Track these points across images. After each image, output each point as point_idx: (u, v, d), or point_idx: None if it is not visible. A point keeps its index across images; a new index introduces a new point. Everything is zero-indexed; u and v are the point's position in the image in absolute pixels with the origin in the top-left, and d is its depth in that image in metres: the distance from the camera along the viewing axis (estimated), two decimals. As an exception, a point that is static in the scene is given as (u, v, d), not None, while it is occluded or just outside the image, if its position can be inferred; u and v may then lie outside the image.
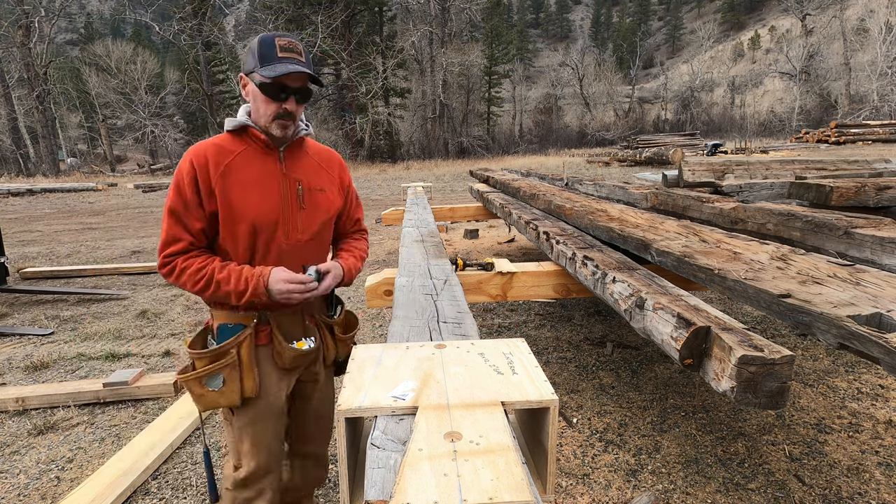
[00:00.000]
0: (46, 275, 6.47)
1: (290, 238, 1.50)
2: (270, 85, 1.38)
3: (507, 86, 54.45)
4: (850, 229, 2.14)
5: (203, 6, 33.52)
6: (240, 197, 1.43)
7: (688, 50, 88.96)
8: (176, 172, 1.41)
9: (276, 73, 1.36)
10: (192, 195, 1.39)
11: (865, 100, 40.92)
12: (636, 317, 1.87)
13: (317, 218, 1.56)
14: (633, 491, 2.18)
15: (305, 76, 1.41)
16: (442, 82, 35.28)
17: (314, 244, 1.57)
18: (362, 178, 22.55)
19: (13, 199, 18.78)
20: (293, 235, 1.51)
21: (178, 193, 1.40)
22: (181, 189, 1.39)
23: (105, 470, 2.34)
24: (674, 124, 51.75)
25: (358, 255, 1.72)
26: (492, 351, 1.37)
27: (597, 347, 3.68)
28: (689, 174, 4.52)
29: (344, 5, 32.30)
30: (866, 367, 3.20)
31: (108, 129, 41.85)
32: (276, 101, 1.41)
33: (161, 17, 52.34)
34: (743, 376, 1.27)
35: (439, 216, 6.53)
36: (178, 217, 1.40)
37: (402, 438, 1.00)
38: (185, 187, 1.39)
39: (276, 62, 1.38)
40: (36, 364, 3.70)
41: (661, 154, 21.17)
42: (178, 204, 1.39)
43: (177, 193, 1.40)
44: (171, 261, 1.40)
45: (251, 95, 1.44)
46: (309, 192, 1.53)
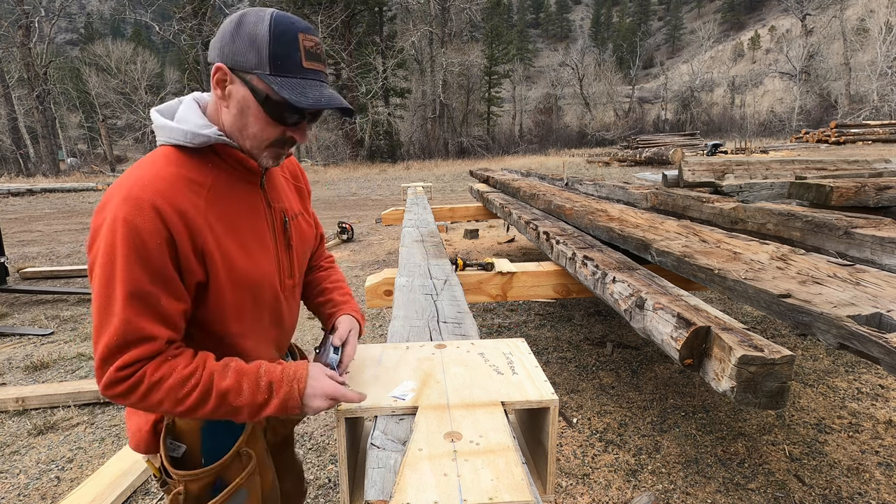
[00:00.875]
0: (46, 275, 6.47)
1: (283, 289, 1.11)
2: (281, 104, 0.92)
3: (507, 86, 54.46)
4: (850, 229, 2.14)
5: (203, 6, 33.52)
6: (239, 251, 0.99)
7: (688, 50, 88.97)
8: (123, 234, 0.85)
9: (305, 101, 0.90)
10: (167, 264, 0.88)
11: (865, 100, 40.93)
12: (636, 317, 1.87)
13: (304, 254, 1.20)
14: (633, 491, 2.18)
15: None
16: (442, 82, 35.30)
17: (297, 290, 1.20)
18: (362, 178, 22.56)
19: (13, 199, 18.78)
20: (286, 284, 1.12)
21: (142, 265, 0.86)
22: (146, 258, 0.86)
23: (105, 470, 2.34)
24: (674, 124, 51.76)
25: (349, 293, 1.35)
26: (492, 351, 1.37)
27: (597, 347, 3.68)
28: (689, 174, 4.53)
29: (344, 5, 32.32)
30: (866, 367, 3.20)
31: (108, 129, 41.84)
32: (283, 124, 0.96)
33: (161, 17, 52.33)
34: (743, 376, 1.27)
35: (439, 216, 6.54)
36: (145, 302, 0.87)
37: (402, 438, 1.00)
38: (155, 254, 0.87)
39: (300, 76, 0.92)
40: (36, 364, 3.70)
41: (661, 154, 21.17)
42: (142, 282, 0.86)
43: (138, 266, 0.86)
44: (133, 372, 0.87)
45: (238, 103, 0.94)
46: (294, 222, 1.14)
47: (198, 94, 1.03)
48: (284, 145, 1.00)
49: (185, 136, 0.95)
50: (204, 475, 1.00)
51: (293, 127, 0.97)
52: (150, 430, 1.03)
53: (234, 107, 0.95)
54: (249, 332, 1.05)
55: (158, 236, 0.87)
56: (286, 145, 1.00)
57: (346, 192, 17.21)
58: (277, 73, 0.90)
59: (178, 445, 1.02)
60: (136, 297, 0.86)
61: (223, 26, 0.93)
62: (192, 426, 1.02)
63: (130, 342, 0.86)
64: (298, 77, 0.92)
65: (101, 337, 0.87)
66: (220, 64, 0.92)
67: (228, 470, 1.02)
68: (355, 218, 10.43)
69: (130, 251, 0.85)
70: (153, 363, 0.88)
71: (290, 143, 1.00)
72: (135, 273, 0.86)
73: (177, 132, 0.95)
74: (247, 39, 0.90)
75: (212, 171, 0.98)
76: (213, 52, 0.94)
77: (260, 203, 1.06)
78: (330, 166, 30.27)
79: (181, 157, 0.96)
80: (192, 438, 1.03)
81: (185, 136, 0.95)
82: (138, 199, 0.86)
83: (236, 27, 0.91)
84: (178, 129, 0.95)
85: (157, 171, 0.91)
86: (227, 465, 1.02)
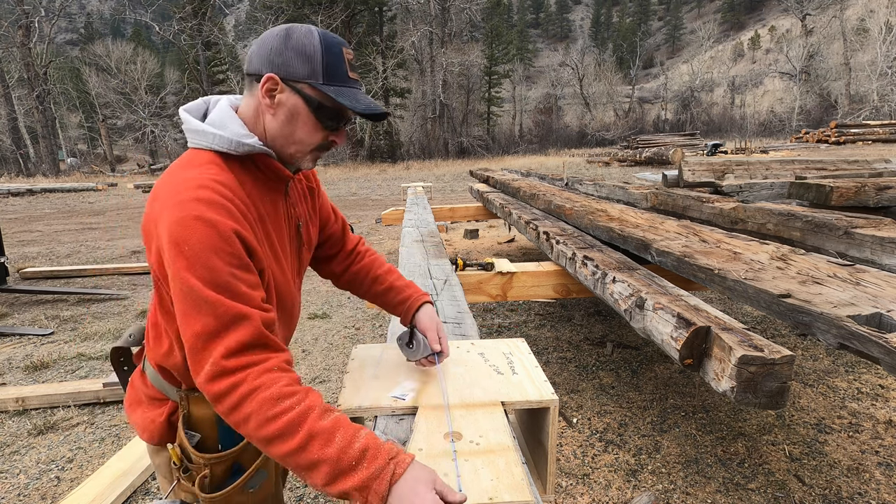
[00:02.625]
0: (46, 275, 6.47)
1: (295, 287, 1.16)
2: (333, 110, 0.98)
3: (507, 86, 54.48)
4: (850, 229, 2.14)
5: (203, 6, 33.54)
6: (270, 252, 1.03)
7: (688, 50, 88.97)
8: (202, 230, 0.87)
9: (359, 107, 0.97)
10: (242, 254, 0.91)
11: (865, 100, 40.93)
12: (636, 317, 1.87)
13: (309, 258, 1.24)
14: (633, 491, 2.18)
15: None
16: (442, 82, 35.30)
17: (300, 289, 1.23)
18: (362, 178, 22.56)
19: (13, 199, 18.78)
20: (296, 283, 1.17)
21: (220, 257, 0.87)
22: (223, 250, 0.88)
23: (105, 470, 2.34)
24: (674, 124, 51.77)
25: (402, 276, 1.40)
26: (492, 351, 1.37)
27: (597, 347, 3.68)
28: (689, 174, 4.52)
29: (344, 5, 32.34)
30: (866, 367, 3.20)
31: (108, 129, 41.84)
32: (327, 129, 1.01)
33: (161, 17, 52.37)
34: (743, 376, 1.27)
35: (439, 216, 6.54)
36: (229, 289, 0.87)
37: (402, 438, 1.00)
38: (230, 247, 0.89)
39: (347, 85, 0.99)
40: (36, 364, 3.70)
41: (661, 154, 21.18)
42: (223, 272, 0.87)
43: (217, 258, 0.87)
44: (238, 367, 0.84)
45: (288, 111, 0.98)
46: (304, 228, 1.18)
47: (231, 99, 1.06)
48: (325, 149, 1.05)
49: (230, 145, 0.97)
50: (226, 458, 1.02)
51: (335, 132, 1.03)
52: (165, 422, 1.06)
53: (282, 114, 0.98)
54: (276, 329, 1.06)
55: (231, 231, 0.89)
56: (326, 149, 1.06)
57: (346, 192, 17.21)
58: (329, 82, 0.96)
59: (194, 435, 1.04)
60: (220, 286, 0.86)
61: (267, 39, 0.98)
62: (208, 415, 1.04)
63: (227, 323, 0.85)
64: (347, 86, 0.98)
65: (189, 326, 0.86)
66: (271, 74, 0.96)
67: (245, 454, 1.04)
68: (355, 218, 10.43)
69: (208, 246, 0.87)
70: (257, 369, 0.84)
71: (330, 146, 1.05)
72: (216, 265, 0.87)
73: (220, 140, 0.98)
74: (299, 51, 0.95)
75: (249, 177, 1.01)
76: (259, 62, 0.97)
77: (282, 208, 1.09)
78: (330, 166, 30.29)
79: (225, 162, 0.98)
80: (207, 427, 1.05)
81: (231, 144, 0.97)
82: (209, 199, 0.89)
83: (284, 39, 0.96)
84: (221, 137, 0.97)
85: (215, 175, 0.94)
86: (245, 448, 1.04)
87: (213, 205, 0.89)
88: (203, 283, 0.86)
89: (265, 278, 0.99)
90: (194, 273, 0.86)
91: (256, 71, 0.97)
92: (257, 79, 0.97)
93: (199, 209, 0.88)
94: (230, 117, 1.00)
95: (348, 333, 4.16)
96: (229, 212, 0.90)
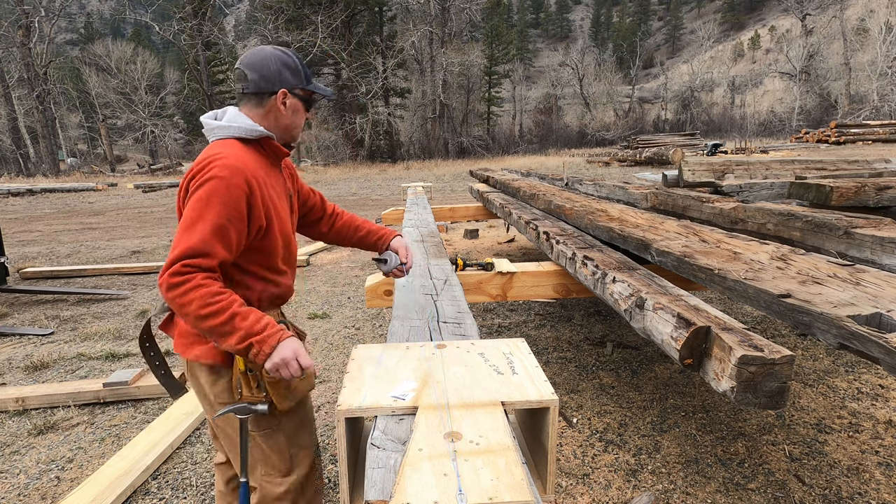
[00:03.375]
0: (46, 275, 6.47)
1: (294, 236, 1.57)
2: (311, 100, 1.49)
3: (507, 86, 54.45)
4: (850, 229, 2.14)
5: (203, 6, 33.52)
6: (276, 211, 1.42)
7: (688, 50, 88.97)
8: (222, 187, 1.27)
9: (327, 91, 1.53)
10: (242, 212, 1.30)
11: (865, 100, 40.91)
12: (636, 317, 1.87)
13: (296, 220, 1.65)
14: (633, 491, 2.18)
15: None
16: (442, 82, 35.27)
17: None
18: (362, 178, 22.55)
19: (13, 199, 18.78)
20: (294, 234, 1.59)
21: (230, 207, 1.28)
22: (235, 204, 1.28)
23: (105, 470, 2.34)
24: (674, 124, 51.75)
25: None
26: (492, 351, 1.37)
27: (597, 347, 3.68)
28: (689, 174, 4.52)
29: (344, 5, 32.29)
30: (866, 367, 3.20)
31: (108, 129, 41.83)
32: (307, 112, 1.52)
33: (161, 17, 52.36)
34: (743, 376, 1.27)
35: (439, 216, 6.54)
36: (222, 232, 1.26)
37: (402, 438, 1.00)
38: (240, 204, 1.29)
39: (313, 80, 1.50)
40: (36, 364, 3.70)
41: (661, 154, 21.17)
42: (224, 218, 1.26)
43: (228, 207, 1.27)
44: (189, 272, 1.22)
45: (292, 108, 1.45)
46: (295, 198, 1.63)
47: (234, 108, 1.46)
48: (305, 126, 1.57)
49: (247, 132, 1.40)
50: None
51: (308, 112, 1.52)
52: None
53: (290, 112, 1.45)
54: (285, 267, 1.51)
55: (242, 193, 1.30)
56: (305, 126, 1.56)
57: (346, 192, 17.21)
58: (308, 82, 1.47)
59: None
60: (216, 227, 1.26)
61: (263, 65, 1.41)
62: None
63: (197, 252, 1.24)
64: (313, 80, 1.50)
65: (180, 243, 1.24)
66: (283, 90, 1.42)
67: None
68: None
69: (222, 199, 1.27)
70: (203, 274, 1.23)
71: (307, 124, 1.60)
72: (221, 213, 1.27)
73: (239, 129, 1.39)
74: (290, 70, 1.43)
75: (258, 155, 1.42)
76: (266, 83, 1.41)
77: (279, 180, 1.50)
78: (330, 166, 30.28)
79: (243, 145, 1.39)
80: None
81: (247, 131, 1.40)
82: (233, 168, 1.30)
83: (276, 62, 1.41)
84: (240, 127, 1.40)
85: (238, 153, 1.35)
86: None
87: (231, 169, 1.30)
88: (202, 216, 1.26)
89: (273, 228, 1.41)
90: (201, 207, 1.26)
91: (268, 90, 1.41)
92: (268, 95, 1.41)
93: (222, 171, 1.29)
94: (241, 116, 1.42)
95: (348, 333, 4.16)
96: (240, 175, 1.30)
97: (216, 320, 1.21)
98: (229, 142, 1.38)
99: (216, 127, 1.40)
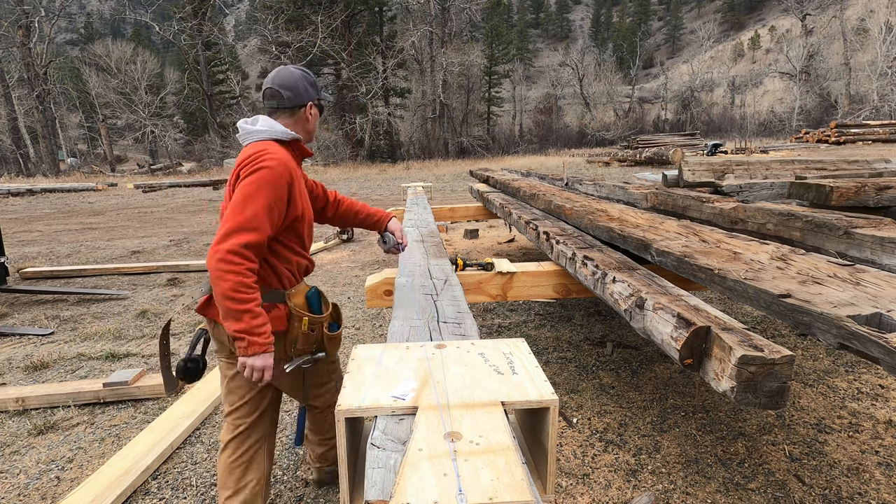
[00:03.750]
0: (46, 275, 6.47)
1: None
2: (323, 107, 1.86)
3: (507, 86, 54.42)
4: (850, 229, 2.14)
5: (203, 6, 33.52)
6: (304, 200, 1.76)
7: (688, 50, 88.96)
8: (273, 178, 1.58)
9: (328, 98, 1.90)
10: (284, 199, 1.62)
11: (865, 100, 40.89)
12: (636, 317, 1.87)
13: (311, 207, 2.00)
14: (633, 491, 2.18)
15: None
16: (442, 82, 35.25)
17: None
18: (362, 178, 22.55)
19: (13, 199, 18.78)
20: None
21: (278, 192, 1.59)
22: (280, 191, 1.60)
23: (105, 470, 2.34)
24: (674, 124, 51.72)
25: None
26: (492, 351, 1.37)
27: (597, 347, 3.68)
28: (689, 174, 4.52)
29: (344, 5, 32.28)
30: (866, 367, 3.20)
31: (108, 129, 41.82)
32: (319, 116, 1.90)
33: (161, 17, 52.33)
34: (743, 376, 1.27)
35: (439, 216, 6.53)
36: (269, 212, 1.56)
37: (402, 438, 1.00)
38: (283, 191, 1.61)
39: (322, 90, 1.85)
40: (36, 364, 3.70)
41: (661, 154, 21.17)
42: (271, 201, 1.57)
43: (276, 192, 1.58)
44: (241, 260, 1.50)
45: (314, 116, 1.82)
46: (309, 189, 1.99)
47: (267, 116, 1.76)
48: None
49: (283, 135, 1.72)
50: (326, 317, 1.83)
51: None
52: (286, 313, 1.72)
53: (313, 119, 1.83)
54: (308, 250, 1.84)
55: (285, 183, 1.62)
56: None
57: (346, 191, 17.21)
58: (320, 93, 1.83)
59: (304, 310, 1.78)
60: (265, 207, 1.56)
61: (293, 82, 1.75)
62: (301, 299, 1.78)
63: (249, 227, 1.52)
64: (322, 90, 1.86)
65: (233, 217, 1.53)
66: (311, 102, 1.78)
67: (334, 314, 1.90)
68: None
69: (272, 185, 1.58)
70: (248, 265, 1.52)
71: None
72: (269, 196, 1.57)
73: (276, 133, 1.71)
74: (312, 86, 1.80)
75: (290, 154, 1.73)
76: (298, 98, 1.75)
77: (302, 174, 1.82)
78: (330, 166, 30.27)
79: (280, 145, 1.70)
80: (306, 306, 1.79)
81: (283, 134, 1.72)
82: (280, 161, 1.62)
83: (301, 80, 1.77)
84: (276, 131, 1.71)
85: (282, 151, 1.67)
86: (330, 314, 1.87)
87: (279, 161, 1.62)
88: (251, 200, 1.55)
89: (305, 215, 1.76)
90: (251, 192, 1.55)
91: (299, 103, 1.76)
92: (299, 107, 1.77)
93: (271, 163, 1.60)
94: (275, 123, 1.73)
95: (348, 333, 4.16)
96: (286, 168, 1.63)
97: (235, 305, 1.48)
98: (270, 142, 1.68)
99: (256, 130, 1.70)
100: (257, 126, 1.71)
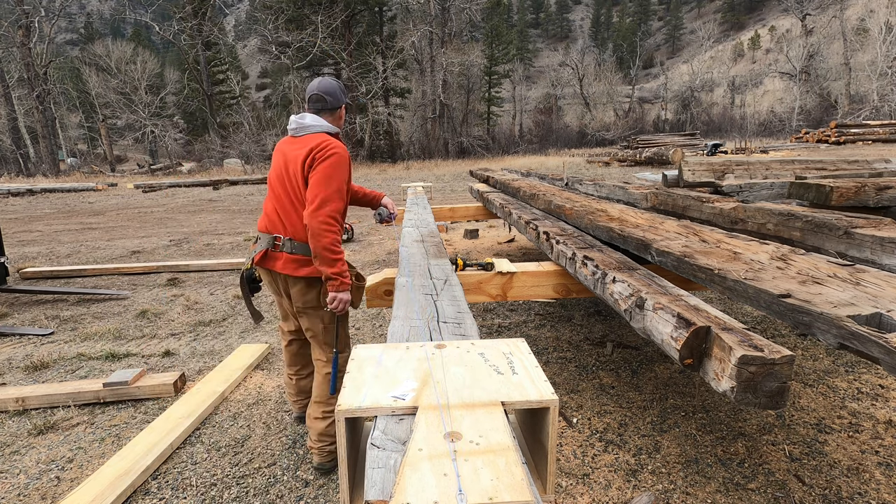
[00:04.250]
0: (46, 275, 6.47)
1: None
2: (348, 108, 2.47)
3: (507, 86, 54.43)
4: (850, 229, 2.14)
5: (203, 6, 33.54)
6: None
7: (688, 50, 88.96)
8: (343, 161, 2.13)
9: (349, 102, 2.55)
10: (350, 177, 2.23)
11: (865, 100, 40.89)
12: (636, 317, 1.87)
13: None
14: (633, 491, 2.18)
15: None
16: (442, 82, 35.24)
17: None
18: (362, 178, 22.55)
19: (13, 199, 18.78)
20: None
21: (346, 174, 2.16)
22: (347, 174, 2.16)
23: (105, 470, 2.34)
24: (674, 124, 51.72)
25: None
26: (492, 351, 1.37)
27: (597, 347, 3.68)
28: (689, 174, 4.52)
29: (344, 5, 32.27)
30: (866, 367, 3.20)
31: (108, 129, 41.82)
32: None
33: (161, 17, 52.37)
34: (743, 376, 1.27)
35: (439, 216, 6.53)
36: (344, 188, 2.15)
37: (402, 438, 1.00)
38: (348, 173, 2.18)
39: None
40: (36, 364, 3.70)
41: (661, 154, 21.17)
42: (343, 181, 2.14)
43: (346, 172, 2.16)
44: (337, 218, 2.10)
45: (344, 115, 2.37)
46: None
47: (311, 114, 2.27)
48: None
49: (332, 129, 2.27)
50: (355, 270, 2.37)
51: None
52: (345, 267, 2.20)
53: (343, 118, 2.36)
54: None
55: (349, 166, 2.18)
56: None
57: (346, 192, 17.17)
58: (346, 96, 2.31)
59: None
60: (344, 182, 2.15)
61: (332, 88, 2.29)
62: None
63: (334, 199, 2.09)
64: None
65: (322, 192, 2.07)
66: (343, 104, 2.35)
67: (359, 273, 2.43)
68: (355, 218, 10.43)
69: (344, 168, 2.15)
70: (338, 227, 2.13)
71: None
72: (343, 177, 2.14)
73: (329, 127, 2.25)
74: (343, 92, 2.34)
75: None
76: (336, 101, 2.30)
77: None
78: (330, 166, 30.16)
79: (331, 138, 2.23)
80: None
81: (332, 129, 2.26)
82: (343, 149, 2.17)
83: (341, 89, 2.32)
84: (328, 126, 2.25)
85: (338, 141, 2.20)
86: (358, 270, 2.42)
87: (343, 149, 2.16)
88: (333, 178, 2.10)
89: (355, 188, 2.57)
90: (332, 172, 2.11)
91: (338, 105, 2.31)
92: (338, 108, 2.31)
93: (339, 150, 2.15)
94: (321, 120, 2.25)
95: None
96: (348, 155, 2.16)
97: (332, 255, 2.07)
98: (326, 134, 2.21)
99: (311, 125, 2.22)
100: (309, 121, 2.21)
